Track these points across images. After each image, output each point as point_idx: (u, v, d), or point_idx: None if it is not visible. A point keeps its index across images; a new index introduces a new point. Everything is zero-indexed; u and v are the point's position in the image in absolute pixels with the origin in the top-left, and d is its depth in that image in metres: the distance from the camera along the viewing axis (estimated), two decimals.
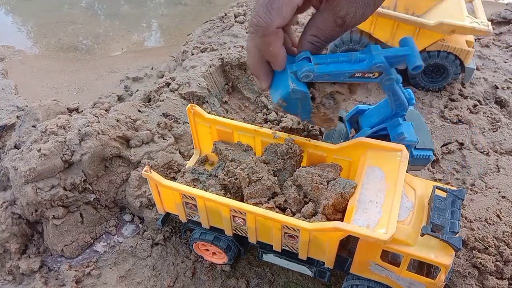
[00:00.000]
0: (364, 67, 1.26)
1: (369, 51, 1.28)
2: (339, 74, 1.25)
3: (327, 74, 1.23)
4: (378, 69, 1.27)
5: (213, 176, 1.68)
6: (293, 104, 1.28)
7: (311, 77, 1.22)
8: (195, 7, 4.61)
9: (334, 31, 1.11)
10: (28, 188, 1.87)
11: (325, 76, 1.24)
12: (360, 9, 1.05)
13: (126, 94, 3.01)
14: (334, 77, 1.26)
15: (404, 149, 1.47)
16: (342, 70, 1.24)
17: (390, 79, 1.38)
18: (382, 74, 1.31)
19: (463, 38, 2.67)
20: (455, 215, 1.33)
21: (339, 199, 1.40)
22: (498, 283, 1.75)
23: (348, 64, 1.25)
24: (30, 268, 1.91)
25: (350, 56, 1.25)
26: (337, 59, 1.25)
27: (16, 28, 4.29)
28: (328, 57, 1.24)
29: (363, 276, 1.50)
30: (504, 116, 2.66)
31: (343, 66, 1.25)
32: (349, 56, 1.26)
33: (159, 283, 1.87)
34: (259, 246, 1.64)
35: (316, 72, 1.21)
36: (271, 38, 1.08)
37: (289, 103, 1.27)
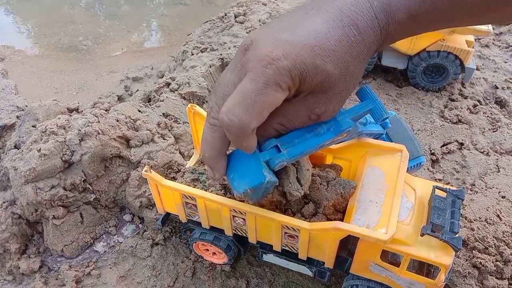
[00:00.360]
0: (332, 135, 1.20)
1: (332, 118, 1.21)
2: (311, 150, 1.20)
3: (299, 155, 1.18)
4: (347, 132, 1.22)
5: None
6: (257, 192, 1.18)
7: (284, 164, 1.17)
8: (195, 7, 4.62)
9: (305, 123, 1.09)
10: (28, 188, 1.87)
11: (297, 157, 1.19)
12: (337, 106, 1.04)
13: (126, 94, 3.02)
14: (307, 154, 1.22)
15: (405, 149, 1.47)
16: (313, 146, 1.19)
17: (358, 133, 1.38)
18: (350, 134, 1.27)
19: (463, 38, 2.67)
20: (455, 215, 1.33)
21: (339, 199, 1.40)
22: (498, 283, 1.75)
23: (316, 138, 1.19)
24: (30, 268, 1.91)
25: (315, 129, 1.19)
26: (304, 136, 1.18)
27: (16, 28, 4.30)
28: (294, 137, 1.16)
29: (363, 276, 1.50)
30: (504, 116, 2.66)
31: (312, 142, 1.19)
32: (313, 129, 1.19)
33: (159, 283, 1.87)
34: (259, 246, 1.64)
35: (288, 158, 1.15)
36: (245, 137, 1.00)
37: (254, 192, 1.17)
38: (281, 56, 0.91)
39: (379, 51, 2.76)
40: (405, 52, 2.69)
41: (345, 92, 1.03)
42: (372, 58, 2.77)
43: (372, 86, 2.84)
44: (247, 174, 1.15)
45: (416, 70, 2.74)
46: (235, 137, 1.00)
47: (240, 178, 1.16)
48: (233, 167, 1.17)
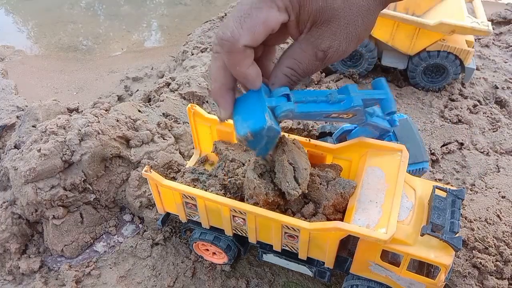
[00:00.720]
0: (341, 108, 1.21)
1: (347, 92, 1.23)
2: (317, 114, 1.20)
3: (306, 114, 1.16)
4: (355, 111, 1.23)
5: (213, 176, 1.68)
6: (258, 140, 1.14)
7: (290, 116, 1.12)
8: (195, 7, 4.62)
9: (313, 65, 1.01)
10: (28, 188, 1.87)
11: (302, 116, 1.17)
12: (344, 43, 0.96)
13: (126, 94, 3.02)
14: (311, 117, 1.21)
15: (404, 149, 1.47)
16: (320, 110, 1.18)
17: (361, 120, 1.35)
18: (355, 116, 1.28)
19: (463, 38, 2.67)
20: (455, 215, 1.33)
21: (339, 199, 1.40)
22: (498, 283, 1.75)
23: (326, 104, 1.19)
24: (30, 268, 1.91)
25: (328, 96, 1.20)
26: (316, 98, 1.18)
27: (16, 28, 4.30)
28: (307, 95, 1.16)
29: (363, 276, 1.50)
30: (504, 116, 2.66)
31: (321, 106, 1.19)
32: (327, 95, 1.20)
33: (159, 283, 1.87)
34: (259, 246, 1.64)
35: (296, 112, 1.11)
36: (238, 56, 0.95)
37: (256, 139, 1.13)
38: None
39: (379, 51, 2.76)
40: (405, 52, 2.69)
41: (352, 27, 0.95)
42: (372, 58, 2.77)
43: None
44: (250, 117, 1.10)
45: (416, 70, 2.74)
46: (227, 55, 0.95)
47: (243, 121, 1.11)
48: (239, 110, 1.12)
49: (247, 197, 1.49)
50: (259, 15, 0.89)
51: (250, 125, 1.08)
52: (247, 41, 0.91)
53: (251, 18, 0.90)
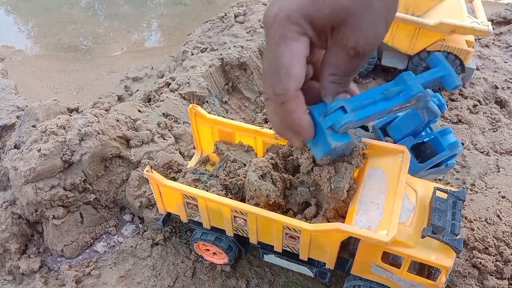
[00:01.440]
0: (402, 100, 1.17)
1: (403, 81, 1.19)
2: (378, 114, 1.18)
3: (366, 118, 1.15)
4: (417, 98, 1.18)
5: (214, 177, 1.68)
6: (338, 153, 1.29)
7: (351, 127, 1.14)
8: (195, 7, 4.61)
9: (351, 63, 1.00)
10: (28, 188, 1.87)
11: (364, 120, 1.16)
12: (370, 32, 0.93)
13: (126, 94, 3.01)
14: (374, 118, 1.19)
15: (406, 150, 1.47)
16: (380, 110, 1.16)
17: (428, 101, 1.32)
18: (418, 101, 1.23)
19: (463, 38, 2.67)
20: (456, 216, 1.33)
21: (340, 204, 1.40)
22: (498, 283, 1.75)
23: (385, 101, 1.16)
24: (30, 268, 1.91)
25: (385, 92, 1.17)
26: (372, 99, 1.16)
27: (16, 28, 4.29)
28: (363, 99, 1.14)
29: (364, 277, 1.51)
30: (504, 116, 2.66)
31: (380, 106, 1.16)
32: (383, 92, 1.17)
33: (159, 283, 1.87)
34: (260, 246, 1.64)
35: (355, 120, 1.12)
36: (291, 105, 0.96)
37: (334, 154, 1.27)
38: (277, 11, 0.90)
39: (379, 51, 2.76)
40: (405, 52, 2.69)
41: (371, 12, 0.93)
42: (372, 58, 2.77)
43: (372, 86, 2.83)
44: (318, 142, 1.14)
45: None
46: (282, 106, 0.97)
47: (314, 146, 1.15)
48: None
49: (248, 198, 1.49)
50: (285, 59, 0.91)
51: (320, 151, 1.14)
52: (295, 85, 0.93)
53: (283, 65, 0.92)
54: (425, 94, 1.16)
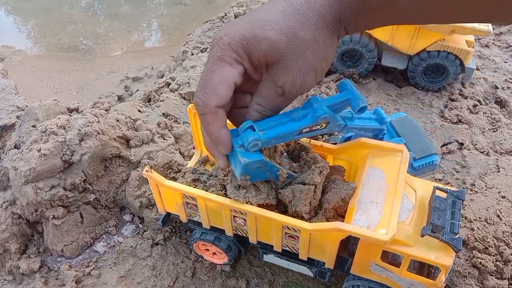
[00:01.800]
0: (309, 122, 1.24)
1: (310, 105, 1.26)
2: (287, 135, 1.23)
3: (275, 138, 1.21)
4: (324, 120, 1.25)
5: (214, 177, 1.68)
6: (257, 173, 1.28)
7: (259, 145, 1.19)
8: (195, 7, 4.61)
9: (277, 100, 1.10)
10: (28, 188, 1.87)
11: (273, 140, 1.21)
12: (298, 77, 1.02)
13: (126, 94, 3.02)
14: (283, 139, 1.24)
15: (405, 150, 1.47)
16: (289, 130, 1.22)
17: (339, 125, 1.35)
18: (329, 123, 1.30)
19: (463, 38, 2.67)
20: (456, 216, 1.33)
21: (339, 203, 1.40)
22: (498, 283, 1.75)
23: (293, 123, 1.23)
24: (30, 268, 1.91)
25: (292, 114, 1.24)
26: (280, 120, 1.22)
27: (16, 28, 4.30)
28: (272, 121, 1.20)
29: (363, 277, 1.50)
30: (504, 116, 2.66)
31: (288, 126, 1.22)
32: (291, 114, 1.24)
33: (159, 283, 1.87)
34: (259, 246, 1.64)
35: (263, 138, 1.18)
36: (208, 117, 1.07)
37: (254, 174, 1.27)
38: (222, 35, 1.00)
39: (379, 51, 2.76)
40: (405, 52, 2.69)
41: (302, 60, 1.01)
42: (372, 58, 2.77)
43: (372, 86, 2.84)
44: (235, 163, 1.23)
45: (416, 70, 2.74)
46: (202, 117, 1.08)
47: (234, 168, 1.24)
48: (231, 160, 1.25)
49: None
50: (215, 77, 1.02)
51: (238, 170, 1.22)
52: (215, 101, 1.04)
53: (210, 81, 1.02)
54: (332, 117, 1.25)
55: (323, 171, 1.44)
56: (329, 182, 1.52)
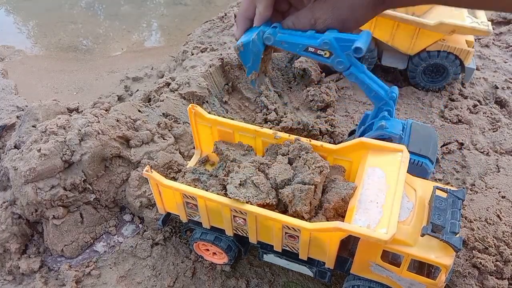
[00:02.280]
0: (315, 42, 1.39)
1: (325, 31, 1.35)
2: (294, 45, 1.41)
3: (284, 41, 1.38)
4: (325, 45, 1.39)
5: (214, 176, 1.68)
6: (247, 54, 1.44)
7: (271, 40, 1.37)
8: (195, 7, 4.61)
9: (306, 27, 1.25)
10: (28, 188, 1.87)
11: (283, 44, 1.39)
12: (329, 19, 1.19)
13: (126, 94, 3.01)
14: (290, 47, 1.41)
15: (405, 150, 1.47)
16: (297, 41, 1.39)
17: (340, 62, 1.47)
18: (332, 55, 1.44)
19: (463, 38, 2.67)
20: (456, 215, 1.33)
21: (339, 203, 1.41)
22: (498, 283, 1.75)
23: (303, 38, 1.38)
24: (30, 268, 1.91)
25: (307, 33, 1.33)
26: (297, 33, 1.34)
27: (16, 28, 4.29)
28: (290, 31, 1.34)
29: (363, 277, 1.50)
30: (504, 116, 2.66)
31: (298, 39, 1.39)
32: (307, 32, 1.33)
33: (159, 283, 1.87)
34: (259, 246, 1.64)
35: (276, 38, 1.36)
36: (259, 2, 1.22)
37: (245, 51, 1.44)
38: None
39: (379, 51, 2.76)
40: (405, 52, 2.69)
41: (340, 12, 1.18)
42: (372, 58, 2.77)
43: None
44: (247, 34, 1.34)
45: (416, 70, 2.74)
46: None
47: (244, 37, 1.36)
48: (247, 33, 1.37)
49: None
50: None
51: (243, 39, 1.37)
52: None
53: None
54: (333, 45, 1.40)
55: (323, 171, 1.44)
56: (329, 182, 1.52)
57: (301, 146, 1.54)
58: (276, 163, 1.53)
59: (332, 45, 1.41)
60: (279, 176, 1.48)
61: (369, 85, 1.66)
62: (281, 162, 1.53)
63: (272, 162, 1.57)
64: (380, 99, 1.71)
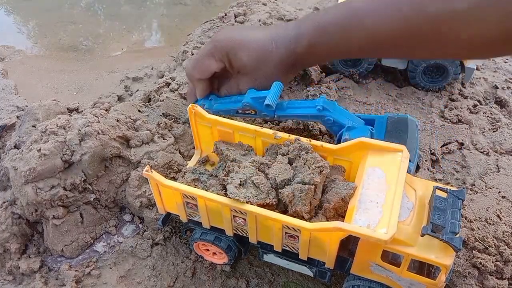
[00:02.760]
0: (240, 106, 1.71)
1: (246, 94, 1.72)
2: (227, 111, 1.78)
3: (220, 110, 1.79)
4: (247, 106, 1.70)
5: (214, 176, 1.68)
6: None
7: (210, 111, 1.76)
8: (195, 7, 4.61)
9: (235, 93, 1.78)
10: (28, 188, 1.87)
11: (219, 112, 1.78)
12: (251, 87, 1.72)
13: (126, 94, 3.01)
14: (225, 112, 1.78)
15: (405, 150, 1.47)
16: (228, 108, 1.77)
17: (265, 115, 1.74)
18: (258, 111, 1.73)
19: None
20: (456, 215, 1.33)
21: (340, 203, 1.41)
22: (498, 283, 1.75)
23: (231, 104, 1.76)
24: (30, 268, 1.91)
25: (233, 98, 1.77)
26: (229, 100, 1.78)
27: (16, 28, 4.29)
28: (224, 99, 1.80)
29: (363, 277, 1.51)
30: (504, 116, 2.66)
31: (227, 105, 1.78)
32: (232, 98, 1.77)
33: (159, 283, 1.87)
34: (259, 246, 1.64)
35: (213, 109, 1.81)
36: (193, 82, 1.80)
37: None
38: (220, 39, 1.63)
39: None
40: None
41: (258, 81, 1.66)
42: (372, 58, 2.77)
43: (372, 86, 2.83)
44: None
45: (416, 70, 2.74)
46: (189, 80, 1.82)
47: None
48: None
49: None
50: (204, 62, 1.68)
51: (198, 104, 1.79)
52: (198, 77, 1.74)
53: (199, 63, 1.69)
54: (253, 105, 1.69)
55: (323, 171, 1.44)
56: (329, 182, 1.52)
57: (301, 146, 1.54)
58: (276, 163, 1.53)
59: (252, 104, 1.68)
60: (279, 176, 1.48)
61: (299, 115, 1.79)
62: (281, 162, 1.53)
63: (272, 162, 1.56)
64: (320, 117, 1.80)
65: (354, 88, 2.79)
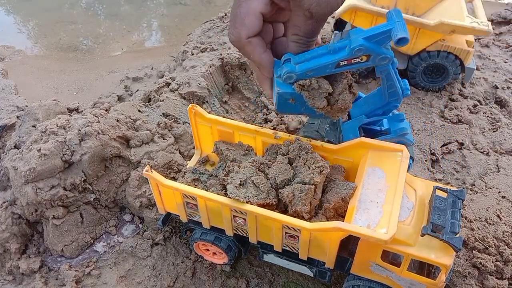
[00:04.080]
0: (345, 54, 1.21)
1: (348, 37, 1.22)
2: (322, 68, 1.22)
3: (310, 70, 1.21)
4: (359, 52, 1.20)
5: (214, 176, 1.68)
6: (290, 106, 1.30)
7: (294, 77, 1.22)
8: (195, 7, 4.61)
9: (308, 24, 1.11)
10: (28, 188, 1.87)
11: (309, 73, 1.22)
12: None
13: (126, 94, 3.01)
14: (319, 72, 1.23)
15: (405, 150, 1.47)
16: (324, 62, 1.21)
17: (384, 58, 1.25)
18: (371, 56, 1.23)
19: (463, 38, 2.67)
20: (456, 215, 1.33)
21: (340, 203, 1.41)
22: (498, 283, 1.75)
23: (329, 55, 1.21)
24: (30, 268, 1.91)
25: (329, 47, 1.21)
26: (317, 53, 1.21)
27: (16, 28, 4.29)
28: (308, 54, 1.19)
29: (363, 277, 1.51)
30: (504, 116, 2.66)
31: (324, 59, 1.21)
32: (328, 47, 1.21)
33: (159, 283, 1.87)
34: (259, 246, 1.64)
35: (298, 71, 1.20)
36: (246, 49, 1.14)
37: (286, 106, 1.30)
38: None
39: None
40: (405, 52, 2.69)
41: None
42: None
43: (372, 86, 2.84)
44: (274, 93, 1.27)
45: (416, 70, 2.74)
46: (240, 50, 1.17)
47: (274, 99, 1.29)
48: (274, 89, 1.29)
49: None
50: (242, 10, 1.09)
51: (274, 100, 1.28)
52: (246, 32, 1.10)
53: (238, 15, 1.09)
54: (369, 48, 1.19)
55: (323, 171, 1.44)
56: (329, 182, 1.52)
57: (301, 146, 1.54)
58: (276, 163, 1.53)
59: (366, 47, 1.20)
60: (279, 176, 1.48)
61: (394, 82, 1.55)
62: (281, 162, 1.53)
63: (272, 162, 1.56)
64: (397, 99, 1.62)
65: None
